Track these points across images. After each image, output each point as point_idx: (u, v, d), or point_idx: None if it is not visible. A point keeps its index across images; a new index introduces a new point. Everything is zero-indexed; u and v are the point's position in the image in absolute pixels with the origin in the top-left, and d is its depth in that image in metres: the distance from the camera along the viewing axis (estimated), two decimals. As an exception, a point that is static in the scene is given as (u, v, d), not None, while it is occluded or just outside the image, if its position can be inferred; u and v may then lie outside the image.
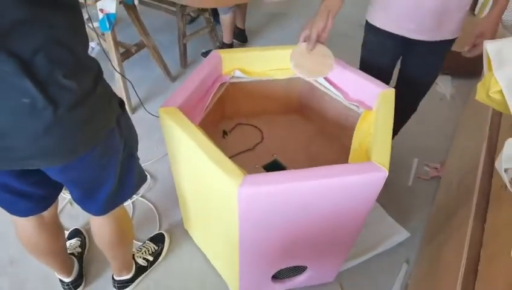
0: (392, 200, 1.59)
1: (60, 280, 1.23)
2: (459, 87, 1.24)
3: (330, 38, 1.08)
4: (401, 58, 1.38)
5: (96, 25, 1.78)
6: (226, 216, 0.95)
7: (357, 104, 1.16)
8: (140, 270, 1.29)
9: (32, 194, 0.85)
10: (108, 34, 1.71)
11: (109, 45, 1.76)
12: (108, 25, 1.66)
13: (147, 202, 1.57)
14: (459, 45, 1.25)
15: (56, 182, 0.81)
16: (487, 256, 0.79)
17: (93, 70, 0.69)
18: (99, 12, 1.63)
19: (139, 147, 0.97)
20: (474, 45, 1.18)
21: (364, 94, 1.15)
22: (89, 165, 0.75)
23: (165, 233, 1.42)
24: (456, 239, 1.01)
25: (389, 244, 1.42)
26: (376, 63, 1.33)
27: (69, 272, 1.21)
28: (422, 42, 1.23)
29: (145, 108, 1.91)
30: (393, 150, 1.02)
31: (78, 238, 1.37)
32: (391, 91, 1.09)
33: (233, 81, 1.26)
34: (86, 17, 1.54)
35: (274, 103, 1.40)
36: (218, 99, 1.23)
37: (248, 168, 0.86)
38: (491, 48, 0.80)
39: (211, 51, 2.48)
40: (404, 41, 1.25)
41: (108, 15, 1.63)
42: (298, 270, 1.22)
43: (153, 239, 1.39)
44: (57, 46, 0.59)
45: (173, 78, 2.29)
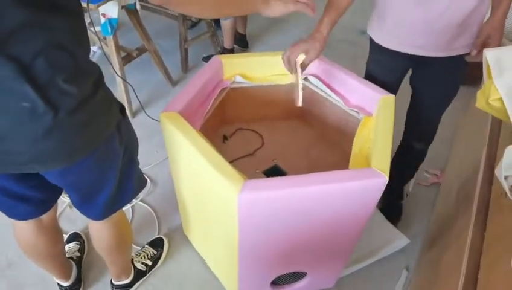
0: (392, 206, 1.58)
1: (58, 284, 1.22)
2: (459, 94, 1.24)
3: (331, 44, 1.09)
4: (410, 74, 1.28)
5: (98, 29, 1.79)
6: (226, 221, 0.95)
7: (357, 110, 1.17)
8: (139, 275, 1.29)
9: (31, 198, 0.85)
10: (110, 39, 1.72)
11: (111, 49, 1.77)
12: (110, 30, 1.67)
13: (147, 206, 1.56)
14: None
15: (55, 186, 0.81)
16: (487, 264, 0.79)
17: (94, 75, 0.69)
18: (102, 17, 1.64)
19: (140, 151, 0.97)
20: (482, 47, 1.09)
21: (365, 100, 1.15)
22: (88, 170, 0.75)
23: (164, 238, 1.42)
24: (456, 246, 1.00)
25: (389, 250, 1.41)
26: (382, 81, 1.21)
27: (67, 276, 1.21)
28: (433, 62, 1.14)
29: (145, 112, 1.91)
30: (392, 152, 1.02)
31: (77, 242, 1.37)
32: (391, 97, 1.09)
33: (234, 86, 1.27)
34: (88, 21, 1.55)
35: (274, 108, 1.40)
36: (218, 104, 1.23)
37: (248, 173, 0.86)
38: (490, 56, 0.81)
39: (212, 55, 2.50)
40: (415, 57, 1.16)
41: (110, 20, 1.64)
42: (298, 276, 1.21)
43: (152, 244, 1.39)
44: (58, 51, 0.59)
45: (174, 83, 2.30)
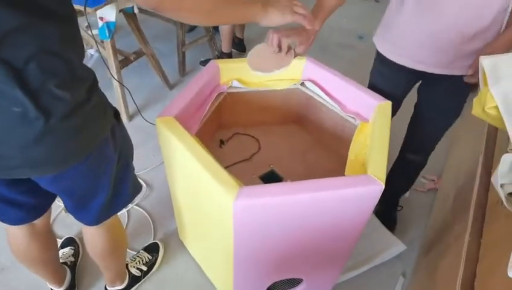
0: (388, 212, 1.57)
1: (51, 290, 1.21)
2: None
3: (329, 47, 1.08)
4: (418, 86, 1.24)
5: (95, 32, 1.79)
6: (221, 227, 0.94)
7: (354, 116, 1.16)
8: (134, 281, 1.27)
9: (23, 203, 0.84)
10: (108, 42, 1.72)
11: (108, 52, 1.76)
12: (107, 33, 1.67)
13: (142, 210, 1.55)
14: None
15: (48, 191, 0.80)
16: (484, 272, 0.78)
17: (88, 81, 0.68)
18: (99, 20, 1.63)
19: (136, 155, 0.96)
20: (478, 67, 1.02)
21: (361, 106, 1.15)
22: (82, 176, 0.74)
23: (159, 243, 1.41)
24: (453, 253, 1.00)
25: (385, 256, 1.41)
26: (385, 93, 1.16)
27: (60, 282, 1.19)
28: (440, 78, 1.10)
29: (142, 116, 1.90)
30: (390, 162, 1.02)
31: (71, 247, 1.35)
32: (388, 104, 1.09)
33: (231, 91, 1.26)
34: (85, 24, 1.55)
35: (271, 113, 1.40)
36: (215, 108, 1.23)
37: (244, 178, 0.85)
38: (486, 63, 0.80)
39: (209, 59, 2.50)
40: (419, 73, 1.12)
41: (108, 23, 1.64)
42: (293, 282, 1.20)
43: (147, 249, 1.38)
44: (50, 56, 0.59)
45: (171, 86, 2.29)
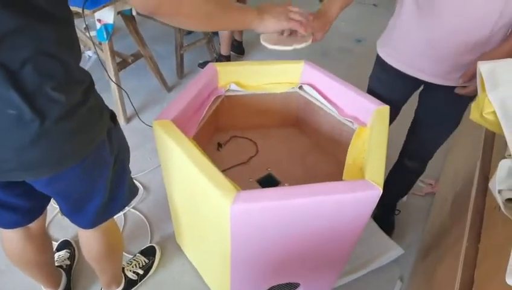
0: (386, 216, 1.57)
1: (46, 294, 1.19)
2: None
3: (327, 51, 1.08)
4: (419, 93, 1.21)
5: (93, 34, 1.78)
6: (218, 231, 0.93)
7: (352, 120, 1.16)
8: (130, 284, 1.26)
9: (18, 206, 0.83)
10: (106, 44, 1.71)
11: (106, 54, 1.76)
12: (105, 35, 1.66)
13: (139, 213, 1.54)
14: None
15: (43, 194, 0.79)
16: (481, 278, 0.78)
17: (85, 83, 0.68)
18: (97, 22, 1.63)
19: (133, 157, 0.95)
20: (470, 78, 0.97)
21: (359, 110, 1.15)
22: (77, 178, 0.74)
23: (156, 246, 1.40)
24: (450, 258, 0.99)
25: (383, 261, 1.40)
26: (382, 98, 1.14)
27: (55, 286, 1.18)
28: (439, 86, 1.06)
29: (139, 118, 1.90)
30: (388, 166, 1.01)
31: (67, 250, 1.34)
32: (386, 108, 1.09)
33: (229, 94, 1.26)
34: (83, 26, 1.54)
35: (269, 117, 1.40)
36: (213, 112, 1.23)
37: (242, 182, 0.85)
38: (484, 69, 0.80)
39: (207, 62, 2.50)
40: (417, 81, 1.10)
41: (106, 25, 1.64)
42: (291, 287, 1.20)
43: (143, 252, 1.37)
44: (47, 58, 0.58)
45: (169, 89, 2.29)
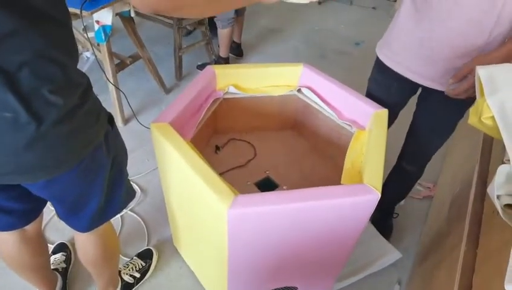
0: (384, 219, 1.57)
1: (41, 297, 1.18)
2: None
3: (326, 54, 1.08)
4: (418, 97, 1.20)
5: (91, 35, 1.77)
6: (215, 235, 0.93)
7: (350, 124, 1.16)
8: (127, 288, 1.25)
9: (14, 209, 0.82)
10: (104, 45, 1.71)
11: (104, 56, 1.75)
12: (104, 37, 1.66)
13: (136, 216, 1.53)
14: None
15: (39, 197, 0.78)
16: (479, 283, 0.78)
17: (82, 86, 0.67)
18: (95, 23, 1.62)
19: (131, 159, 0.95)
20: (459, 79, 0.92)
21: (358, 113, 1.15)
22: (73, 182, 0.73)
23: (153, 249, 1.39)
24: (449, 263, 0.99)
25: (381, 264, 1.40)
26: (381, 101, 1.13)
27: (51, 289, 1.17)
28: (435, 91, 1.03)
29: (137, 120, 1.89)
30: (386, 169, 1.01)
31: (63, 253, 1.33)
32: (384, 112, 1.09)
33: (227, 96, 1.26)
34: (81, 27, 1.54)
35: (267, 119, 1.39)
36: (211, 114, 1.22)
37: (240, 185, 0.84)
38: (483, 73, 0.80)
39: (206, 63, 2.50)
40: (413, 84, 1.08)
41: (104, 27, 1.63)
42: (288, 290, 1.19)
43: (140, 255, 1.36)
44: (44, 61, 0.58)
45: (168, 90, 2.28)
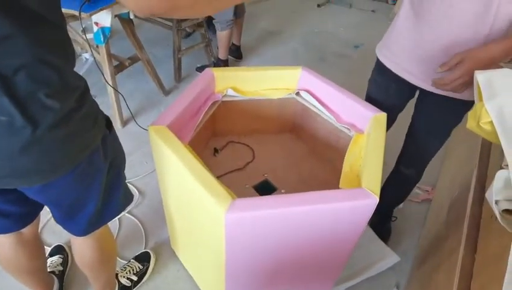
0: (382, 222, 1.56)
1: (38, 300, 1.17)
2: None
3: (326, 57, 1.08)
4: (415, 104, 1.19)
5: (90, 36, 1.77)
6: (213, 239, 0.92)
7: (349, 127, 1.16)
8: (124, 291, 1.25)
9: (10, 213, 0.82)
10: (102, 47, 1.70)
11: (103, 58, 1.75)
12: (102, 39, 1.66)
13: (134, 218, 1.53)
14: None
15: (36, 201, 0.78)
16: (477, 288, 0.78)
17: (79, 89, 0.67)
18: (94, 25, 1.62)
19: (129, 161, 0.94)
20: (449, 69, 0.88)
21: (356, 117, 1.15)
22: (69, 186, 0.72)
23: (150, 252, 1.38)
24: (447, 267, 0.99)
25: (379, 268, 1.40)
26: (380, 103, 1.13)
27: (48, 292, 1.16)
28: (432, 94, 1.01)
29: (136, 122, 1.88)
30: (385, 172, 1.01)
31: (60, 256, 1.32)
32: (383, 115, 1.09)
33: (226, 99, 1.26)
34: (80, 28, 1.53)
35: (266, 122, 1.39)
36: (210, 117, 1.22)
37: (238, 188, 0.84)
38: (481, 78, 0.81)
39: (205, 66, 2.50)
40: (411, 86, 1.07)
41: (103, 28, 1.63)
42: (286, 294, 1.19)
43: (138, 258, 1.35)
44: (41, 65, 0.57)
45: (166, 92, 2.28)
